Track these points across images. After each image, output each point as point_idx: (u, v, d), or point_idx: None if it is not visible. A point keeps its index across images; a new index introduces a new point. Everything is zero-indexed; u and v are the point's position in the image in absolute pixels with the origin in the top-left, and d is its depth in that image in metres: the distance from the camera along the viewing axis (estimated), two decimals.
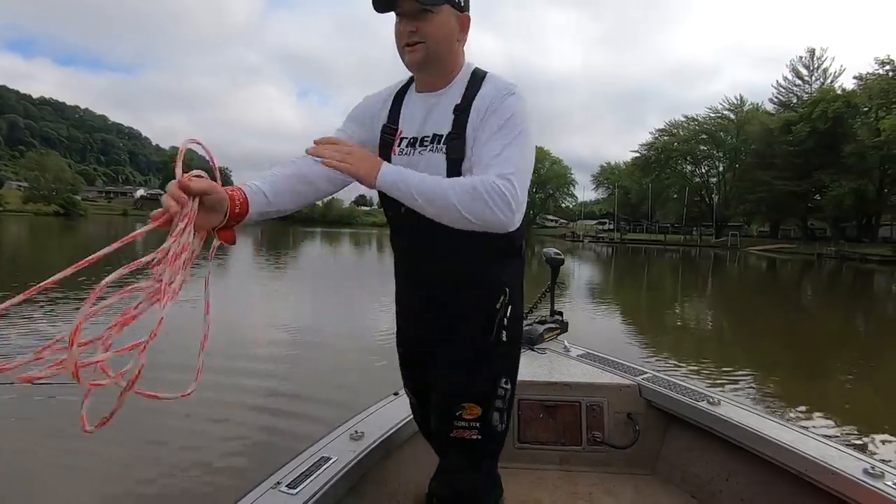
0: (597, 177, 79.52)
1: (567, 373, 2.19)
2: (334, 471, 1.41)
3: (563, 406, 2.10)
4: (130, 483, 2.77)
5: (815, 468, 1.47)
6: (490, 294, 1.16)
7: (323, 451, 1.50)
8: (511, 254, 1.19)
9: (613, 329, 8.37)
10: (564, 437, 2.09)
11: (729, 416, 1.77)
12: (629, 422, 2.07)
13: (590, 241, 54.49)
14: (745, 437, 1.70)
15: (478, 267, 1.16)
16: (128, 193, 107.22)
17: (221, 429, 3.42)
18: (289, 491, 1.30)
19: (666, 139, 61.24)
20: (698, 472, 1.90)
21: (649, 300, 13.04)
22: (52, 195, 73.89)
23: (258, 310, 8.10)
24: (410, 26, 1.07)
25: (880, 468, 1.39)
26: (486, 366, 1.17)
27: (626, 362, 2.34)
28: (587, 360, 2.36)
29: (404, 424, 1.72)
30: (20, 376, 0.71)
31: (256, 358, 5.17)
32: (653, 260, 30.12)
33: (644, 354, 6.32)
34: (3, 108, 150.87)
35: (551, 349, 2.47)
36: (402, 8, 1.06)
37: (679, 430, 2.01)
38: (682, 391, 2.00)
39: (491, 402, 1.16)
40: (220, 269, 14.30)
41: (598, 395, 2.09)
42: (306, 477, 1.36)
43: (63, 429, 3.14)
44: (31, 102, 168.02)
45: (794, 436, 1.62)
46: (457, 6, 1.10)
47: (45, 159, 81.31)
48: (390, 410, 1.81)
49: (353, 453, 1.51)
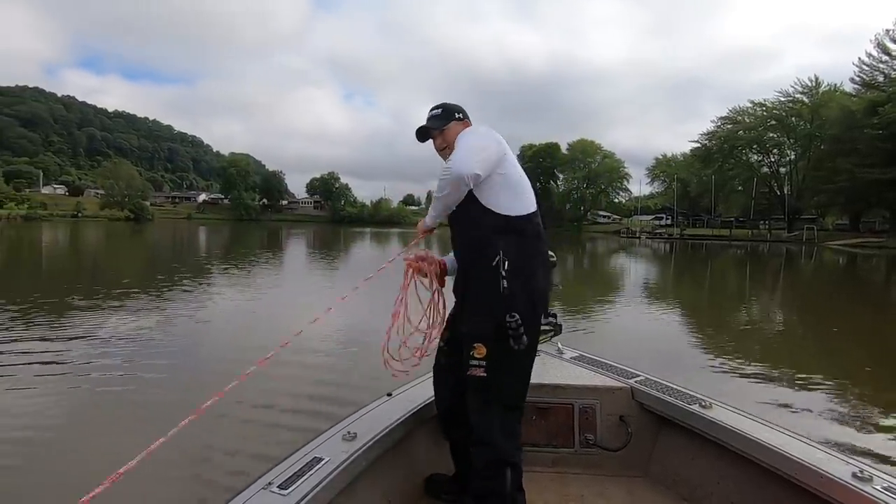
0: (651, 170, 76.01)
1: (560, 375, 2.19)
2: (326, 471, 1.40)
3: (556, 408, 2.10)
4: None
5: (804, 471, 1.47)
6: (489, 256, 1.58)
7: (315, 452, 1.50)
8: (508, 230, 1.60)
9: (673, 330, 7.69)
10: (557, 439, 2.10)
11: (720, 420, 1.78)
12: (621, 424, 2.07)
13: (646, 237, 51.85)
14: (736, 440, 1.70)
15: (481, 240, 1.62)
16: (191, 198, 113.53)
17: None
18: (280, 492, 1.29)
19: (730, 127, 57.36)
20: (690, 475, 1.90)
21: (713, 299, 11.91)
22: (125, 201, 79.25)
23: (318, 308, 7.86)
24: (437, 140, 1.85)
25: (868, 472, 1.40)
26: (491, 310, 1.56)
27: (619, 365, 2.32)
28: (580, 362, 2.36)
29: (397, 425, 1.73)
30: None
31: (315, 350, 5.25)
32: (716, 256, 28.04)
33: (707, 358, 5.79)
34: (83, 122, 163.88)
35: (544, 351, 2.45)
36: (433, 135, 1.85)
37: (671, 433, 2.01)
38: (674, 394, 2.00)
39: (495, 340, 1.54)
40: (283, 267, 14.48)
41: (590, 398, 2.09)
42: (298, 477, 1.35)
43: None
44: (106, 115, 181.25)
45: (784, 439, 1.62)
46: (458, 120, 1.83)
47: (118, 168, 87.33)
48: (383, 411, 1.81)
49: (346, 454, 1.50)
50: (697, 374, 5.03)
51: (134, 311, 7.49)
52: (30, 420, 3.60)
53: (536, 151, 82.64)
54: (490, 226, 1.61)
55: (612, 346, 6.12)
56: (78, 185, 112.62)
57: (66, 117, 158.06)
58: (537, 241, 1.66)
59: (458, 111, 1.86)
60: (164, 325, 6.78)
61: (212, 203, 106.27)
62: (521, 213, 1.63)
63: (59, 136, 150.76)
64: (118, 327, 6.45)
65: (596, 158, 77.67)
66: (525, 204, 1.65)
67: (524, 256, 1.60)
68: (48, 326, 6.41)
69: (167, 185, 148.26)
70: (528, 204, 1.66)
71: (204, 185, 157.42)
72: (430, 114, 1.88)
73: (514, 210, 1.62)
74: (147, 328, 6.47)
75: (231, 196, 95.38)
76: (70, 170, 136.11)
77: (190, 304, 8.26)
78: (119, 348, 5.49)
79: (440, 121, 1.82)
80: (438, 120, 1.83)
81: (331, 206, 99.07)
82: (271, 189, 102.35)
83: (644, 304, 10.09)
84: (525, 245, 1.62)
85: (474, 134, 1.68)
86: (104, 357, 5.18)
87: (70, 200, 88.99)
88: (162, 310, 7.76)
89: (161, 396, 4.09)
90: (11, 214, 65.46)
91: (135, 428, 3.47)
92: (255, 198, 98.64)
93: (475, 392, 1.59)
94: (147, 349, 5.48)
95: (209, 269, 14.22)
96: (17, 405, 3.89)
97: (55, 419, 3.66)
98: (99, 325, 6.55)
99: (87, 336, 5.95)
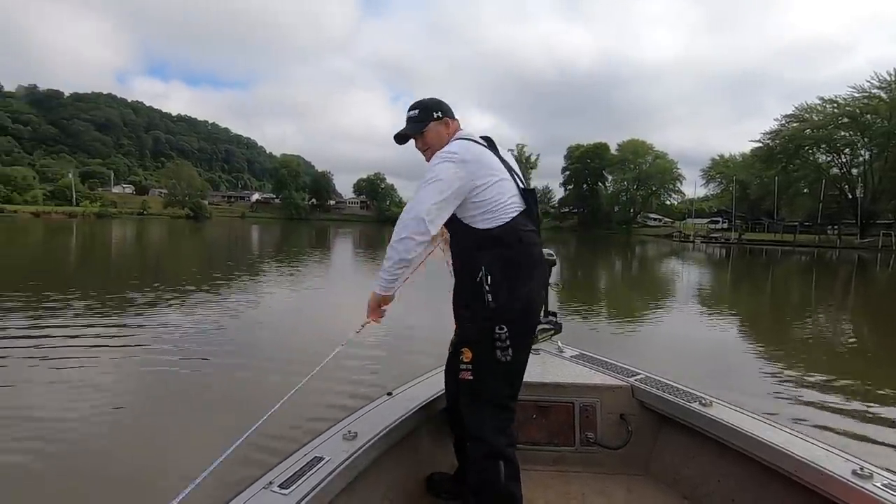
0: (707, 171, 72.30)
1: (560, 373, 2.19)
2: (327, 471, 1.40)
3: (557, 407, 2.10)
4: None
5: (805, 469, 1.47)
6: (473, 271, 1.59)
7: (316, 451, 1.49)
8: (489, 244, 1.59)
9: (729, 339, 7.24)
10: (557, 437, 2.10)
11: (721, 418, 1.77)
12: (622, 423, 2.07)
13: (701, 241, 49.43)
14: (736, 438, 1.69)
15: (465, 254, 1.64)
16: (245, 197, 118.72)
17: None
18: (281, 491, 1.28)
19: (795, 126, 53.67)
20: (690, 473, 1.90)
21: (776, 308, 11.06)
22: (185, 200, 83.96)
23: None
24: (418, 143, 1.78)
25: (869, 469, 1.40)
26: (476, 318, 1.59)
27: (619, 363, 2.31)
28: (580, 360, 2.36)
29: (398, 425, 1.72)
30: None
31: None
32: (779, 263, 26.26)
33: (772, 370, 5.44)
34: (150, 126, 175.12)
35: (545, 350, 2.46)
36: (412, 137, 1.79)
37: (671, 431, 2.01)
38: (674, 392, 1.99)
39: (481, 346, 1.57)
40: (333, 266, 14.85)
41: (591, 396, 2.09)
42: (299, 477, 1.35)
43: None
44: (170, 119, 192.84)
45: (785, 437, 1.61)
46: (437, 120, 1.75)
47: (180, 169, 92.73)
48: (384, 411, 1.80)
49: (346, 453, 1.50)
50: (754, 397, 4.65)
51: (216, 301, 7.91)
52: (128, 395, 4.19)
53: (584, 152, 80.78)
54: (471, 241, 1.62)
55: (655, 360, 5.81)
56: (144, 184, 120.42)
57: (135, 121, 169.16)
58: (523, 246, 1.62)
59: (436, 109, 1.76)
60: (255, 311, 7.16)
61: (264, 202, 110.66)
62: (502, 223, 1.60)
63: (129, 138, 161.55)
64: (190, 316, 6.82)
65: (647, 159, 74.94)
66: (506, 210, 1.61)
67: (510, 266, 1.58)
68: (125, 314, 6.84)
69: (223, 184, 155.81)
70: (510, 209, 1.61)
71: (257, 184, 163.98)
72: (408, 115, 1.79)
73: (494, 221, 1.59)
74: (244, 312, 6.79)
75: (282, 196, 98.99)
76: (137, 170, 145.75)
77: (265, 296, 8.61)
78: (197, 336, 5.79)
79: (418, 124, 1.75)
80: (416, 123, 1.75)
81: (376, 207, 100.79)
82: (320, 189, 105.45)
83: (697, 312, 9.55)
84: (509, 255, 1.59)
85: (431, 172, 1.58)
86: (181, 343, 5.61)
87: (137, 199, 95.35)
88: (248, 298, 8.21)
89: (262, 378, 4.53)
90: (86, 212, 70.88)
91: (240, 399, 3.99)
92: (305, 197, 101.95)
93: (464, 394, 1.65)
94: (242, 335, 5.77)
95: (272, 265, 14.78)
96: (102, 381, 4.41)
97: (138, 395, 4.20)
98: (167, 314, 6.97)
99: (163, 325, 6.30)
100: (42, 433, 3.33)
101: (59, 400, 3.93)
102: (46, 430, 3.37)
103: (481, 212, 1.60)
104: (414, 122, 1.76)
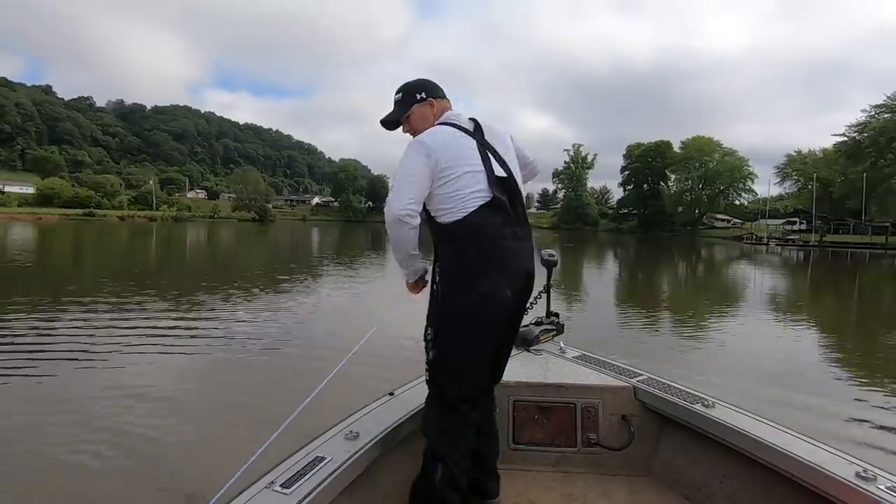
0: (782, 168, 67.11)
1: (562, 374, 2.19)
2: (328, 471, 1.40)
3: (558, 407, 2.09)
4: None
5: (808, 471, 1.46)
6: (433, 264, 1.62)
7: (317, 451, 1.49)
8: (445, 240, 1.57)
9: (808, 349, 6.69)
10: (559, 438, 2.09)
11: (723, 419, 1.76)
12: (624, 424, 2.06)
13: (776, 243, 45.90)
14: (739, 439, 1.68)
15: (435, 248, 1.63)
16: (306, 201, 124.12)
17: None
18: (282, 490, 1.28)
19: (887, 117, 48.84)
20: (692, 475, 1.89)
21: (862, 318, 10.00)
22: (251, 204, 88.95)
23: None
24: (405, 127, 1.73)
25: (873, 471, 1.38)
26: (430, 316, 1.62)
27: (621, 364, 2.30)
28: (582, 361, 2.35)
29: (399, 424, 1.73)
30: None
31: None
32: (866, 268, 23.88)
33: (856, 382, 5.06)
34: (220, 134, 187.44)
35: (547, 350, 2.47)
36: (399, 121, 1.75)
37: (673, 433, 1.99)
38: (676, 393, 1.98)
39: (427, 337, 1.63)
40: (371, 266, 15.16)
41: (592, 397, 2.08)
42: (300, 476, 1.35)
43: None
44: (238, 128, 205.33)
45: (788, 439, 1.60)
46: (420, 102, 1.68)
47: (247, 174, 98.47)
48: (385, 410, 1.81)
49: (348, 453, 1.50)
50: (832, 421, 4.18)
51: (286, 297, 8.26)
52: (208, 377, 4.90)
53: (645, 151, 77.67)
54: (435, 236, 1.62)
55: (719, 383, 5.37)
56: (215, 189, 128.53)
57: (207, 130, 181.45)
58: (488, 240, 1.51)
59: (420, 90, 1.69)
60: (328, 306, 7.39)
61: (323, 205, 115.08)
62: (459, 217, 1.51)
63: (202, 147, 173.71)
64: (261, 312, 7.16)
65: (714, 157, 70.79)
66: (465, 205, 1.51)
67: (465, 263, 1.52)
68: (212, 309, 7.33)
69: (286, 189, 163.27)
70: (469, 203, 1.51)
71: (317, 189, 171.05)
72: (394, 99, 1.74)
73: (452, 216, 1.53)
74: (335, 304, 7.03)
75: (340, 199, 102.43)
76: (209, 176, 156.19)
77: (325, 292, 8.90)
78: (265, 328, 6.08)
79: (402, 108, 1.70)
80: (400, 107, 1.71)
81: None
82: (376, 192, 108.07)
83: (773, 320, 8.83)
84: (462, 250, 1.52)
85: (400, 163, 1.57)
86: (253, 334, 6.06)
87: (208, 203, 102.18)
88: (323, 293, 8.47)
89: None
90: (165, 216, 77.04)
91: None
92: (362, 201, 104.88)
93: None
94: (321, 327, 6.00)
95: (334, 268, 15.29)
96: (183, 366, 5.09)
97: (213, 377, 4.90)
98: (236, 310, 7.35)
99: (239, 320, 6.68)
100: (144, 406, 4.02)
101: (159, 378, 4.70)
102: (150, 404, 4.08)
103: (443, 206, 1.54)
104: (399, 106, 1.71)
